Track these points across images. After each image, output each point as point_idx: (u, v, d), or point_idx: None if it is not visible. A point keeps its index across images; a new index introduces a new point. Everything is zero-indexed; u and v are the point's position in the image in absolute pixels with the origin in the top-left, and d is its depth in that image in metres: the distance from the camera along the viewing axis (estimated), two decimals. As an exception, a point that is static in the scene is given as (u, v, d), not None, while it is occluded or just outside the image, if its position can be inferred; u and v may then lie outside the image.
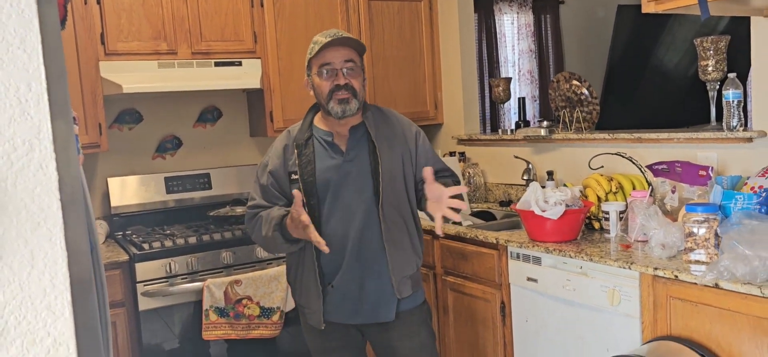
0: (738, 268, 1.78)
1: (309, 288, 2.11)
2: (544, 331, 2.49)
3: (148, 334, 2.78)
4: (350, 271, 2.09)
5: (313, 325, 2.15)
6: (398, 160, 2.12)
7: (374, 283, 2.09)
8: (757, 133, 2.32)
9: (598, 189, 2.64)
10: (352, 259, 2.08)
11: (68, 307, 0.83)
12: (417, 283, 2.18)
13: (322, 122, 2.15)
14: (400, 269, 2.10)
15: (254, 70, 3.26)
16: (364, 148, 2.10)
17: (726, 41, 2.44)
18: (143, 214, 3.29)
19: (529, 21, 4.75)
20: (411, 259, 2.14)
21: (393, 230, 2.09)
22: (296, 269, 2.17)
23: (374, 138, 2.09)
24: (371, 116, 2.14)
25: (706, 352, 1.89)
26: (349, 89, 2.04)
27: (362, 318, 2.13)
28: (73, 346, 0.83)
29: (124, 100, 3.31)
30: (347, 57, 2.06)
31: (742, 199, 2.03)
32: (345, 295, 2.10)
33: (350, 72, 2.06)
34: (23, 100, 0.78)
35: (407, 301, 2.15)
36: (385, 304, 2.11)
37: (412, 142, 2.16)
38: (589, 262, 2.27)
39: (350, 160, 2.09)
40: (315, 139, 2.13)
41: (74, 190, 0.91)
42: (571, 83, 3.17)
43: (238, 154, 3.63)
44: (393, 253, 2.08)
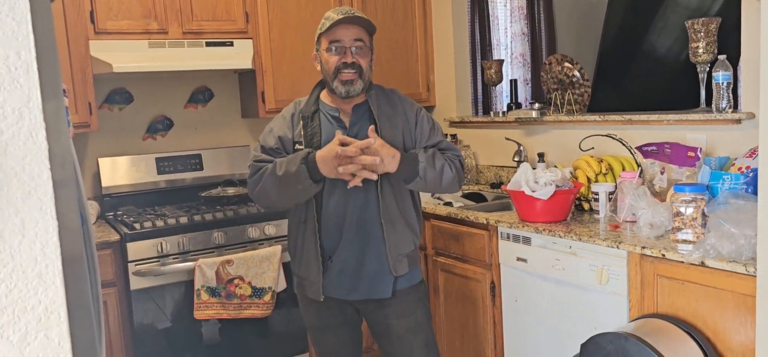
0: (724, 246, 1.80)
1: (309, 260, 2.13)
2: (534, 310, 2.52)
3: (139, 313, 2.78)
4: (349, 246, 2.10)
5: (312, 297, 2.17)
6: (399, 137, 2.12)
7: (372, 260, 2.11)
8: (746, 114, 2.34)
9: (588, 170, 2.66)
10: (351, 235, 2.10)
11: (59, 275, 0.83)
12: (414, 261, 2.20)
13: (328, 98, 2.17)
14: (397, 247, 2.11)
15: (246, 50, 3.25)
16: (365, 124, 2.10)
17: (717, 23, 2.45)
18: (134, 194, 3.29)
19: (522, 4, 4.74)
20: (408, 238, 2.15)
21: (391, 208, 2.10)
22: (296, 240, 2.18)
23: (376, 116, 2.10)
24: (374, 95, 2.15)
25: (692, 329, 1.92)
26: (355, 68, 2.05)
27: (359, 294, 2.14)
28: (64, 315, 0.84)
29: (115, 80, 3.29)
30: (357, 35, 2.07)
31: (730, 180, 2.05)
32: (343, 271, 2.12)
33: (359, 51, 2.07)
34: (12, 68, 0.78)
35: (403, 280, 2.16)
36: (381, 282, 2.13)
37: (412, 119, 2.17)
38: (578, 242, 2.29)
39: (353, 136, 2.08)
40: (321, 113, 2.15)
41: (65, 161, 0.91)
42: (563, 65, 3.18)
43: (229, 135, 3.62)
44: (390, 231, 2.10)
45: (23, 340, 0.82)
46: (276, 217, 3.05)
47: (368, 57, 2.11)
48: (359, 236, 2.11)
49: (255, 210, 3.06)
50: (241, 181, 3.47)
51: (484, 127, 3.61)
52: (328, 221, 2.11)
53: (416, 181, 2.06)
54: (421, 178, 2.05)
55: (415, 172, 2.04)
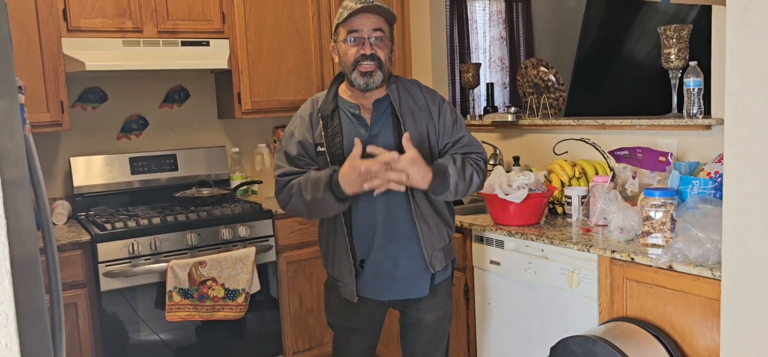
0: (691, 250, 1.82)
1: (342, 263, 2.08)
2: (507, 313, 2.53)
3: (109, 315, 2.75)
4: (383, 248, 2.05)
5: (347, 297, 2.12)
6: (423, 132, 2.05)
7: (407, 260, 2.06)
8: (716, 120, 2.37)
9: (561, 174, 2.68)
10: (383, 236, 2.04)
11: (7, 276, 0.82)
12: (449, 253, 2.15)
13: (347, 93, 2.09)
14: (432, 243, 2.06)
15: (222, 50, 3.22)
16: (388, 121, 2.04)
17: (688, 30, 2.49)
18: (107, 194, 3.24)
19: (501, 8, 4.77)
20: (442, 232, 2.10)
21: (423, 206, 2.04)
22: (328, 243, 2.13)
23: (399, 112, 2.03)
24: (396, 89, 2.07)
25: (660, 332, 1.94)
26: (374, 59, 1.97)
27: (397, 294, 2.10)
28: (12, 316, 0.82)
29: (88, 79, 3.25)
30: (376, 25, 1.98)
31: (698, 185, 2.07)
32: (378, 273, 2.07)
33: (378, 41, 1.98)
34: (-41, 63, 0.77)
35: (439, 274, 2.13)
36: (419, 280, 2.09)
37: (436, 113, 2.08)
38: (550, 246, 2.30)
39: (375, 134, 2.03)
40: (341, 110, 2.07)
41: (19, 160, 0.89)
42: (539, 70, 3.20)
43: (205, 136, 3.59)
44: (424, 229, 2.04)
45: (-30, 342, 0.80)
46: (250, 219, 3.03)
47: (388, 48, 2.02)
48: (391, 237, 2.05)
49: (229, 211, 3.04)
50: (216, 182, 3.44)
51: (461, 130, 3.61)
52: (358, 223, 2.05)
53: (446, 194, 1.99)
54: (452, 191, 1.98)
55: (446, 186, 1.96)
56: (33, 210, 0.93)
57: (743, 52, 1.51)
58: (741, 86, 1.53)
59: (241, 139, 3.67)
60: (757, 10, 1.48)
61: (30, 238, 0.90)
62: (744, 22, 1.50)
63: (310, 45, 3.46)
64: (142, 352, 2.84)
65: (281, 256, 3.15)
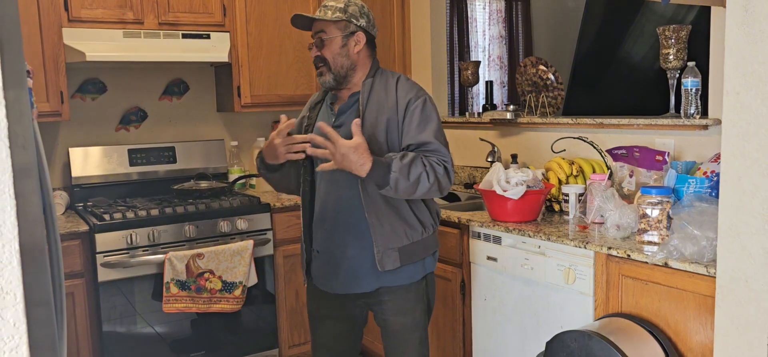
0: (687, 247, 1.84)
1: (303, 248, 2.22)
2: (502, 308, 2.55)
3: (107, 305, 2.75)
4: (332, 238, 2.08)
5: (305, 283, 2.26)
6: (382, 127, 2.01)
7: (356, 253, 2.05)
8: (713, 120, 2.39)
9: (559, 172, 2.70)
10: (334, 226, 2.07)
11: (16, 256, 0.83)
12: (409, 256, 2.06)
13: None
14: (385, 241, 2.02)
15: (223, 43, 3.23)
16: (353, 113, 2.06)
17: (687, 31, 2.50)
18: (105, 185, 3.25)
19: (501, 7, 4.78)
20: (398, 231, 2.03)
21: (377, 201, 2.01)
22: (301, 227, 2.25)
23: (362, 105, 2.04)
24: (371, 82, 2.07)
25: (654, 328, 1.95)
26: (321, 61, 2.06)
27: (341, 287, 2.10)
28: (20, 295, 0.83)
29: (88, 69, 3.25)
30: (316, 29, 2.08)
31: (695, 183, 2.09)
32: (328, 261, 2.11)
33: (321, 44, 2.06)
34: (-28, 45, 0.78)
35: (399, 275, 2.07)
36: (364, 275, 2.06)
37: (402, 110, 2.02)
38: (547, 242, 2.32)
39: (338, 125, 2.06)
40: (326, 100, 2.19)
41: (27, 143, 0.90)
42: (538, 68, 3.21)
43: (204, 129, 3.60)
44: (375, 224, 2.01)
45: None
46: (248, 212, 3.04)
47: (336, 43, 2.03)
48: (341, 228, 2.05)
49: (227, 204, 3.05)
50: (214, 175, 3.45)
51: (460, 127, 3.63)
52: (317, 210, 2.13)
53: (386, 189, 1.92)
54: (392, 187, 1.91)
55: (386, 181, 1.90)
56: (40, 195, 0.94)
57: (742, 51, 1.53)
58: (740, 85, 1.54)
59: (240, 132, 3.68)
60: (756, 10, 1.50)
61: (37, 224, 0.91)
62: (743, 21, 1.52)
63: (309, 40, 3.46)
64: (138, 342, 2.85)
65: (278, 250, 3.16)
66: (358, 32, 2.07)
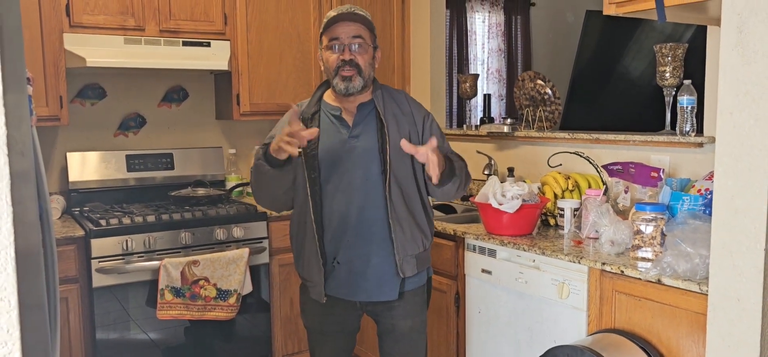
0: (680, 264, 1.85)
1: (311, 262, 2.10)
2: (496, 321, 2.55)
3: (101, 311, 2.75)
4: (354, 247, 2.07)
5: (315, 298, 2.13)
6: (405, 137, 2.05)
7: (379, 261, 2.07)
8: (708, 138, 2.41)
9: (555, 186, 2.71)
10: (355, 236, 2.06)
11: (11, 263, 0.83)
12: (423, 262, 2.15)
13: (332, 98, 2.14)
14: (404, 248, 2.07)
15: (223, 51, 3.25)
16: (371, 125, 2.08)
17: (683, 49, 2.52)
18: (102, 191, 3.26)
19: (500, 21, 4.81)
20: (416, 238, 2.10)
21: (399, 209, 2.06)
22: (297, 242, 2.15)
23: (383, 115, 2.06)
24: (381, 94, 2.11)
25: (647, 345, 1.96)
26: (353, 65, 2.03)
27: (366, 295, 2.10)
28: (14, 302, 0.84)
29: (88, 75, 3.27)
30: (355, 32, 2.04)
31: (689, 200, 2.11)
32: (351, 271, 2.08)
33: (358, 48, 2.04)
34: (-27, 53, 0.79)
35: (411, 281, 2.13)
36: (388, 283, 2.09)
37: (420, 123, 2.13)
38: (542, 256, 2.33)
39: (356, 136, 2.06)
40: (322, 114, 2.12)
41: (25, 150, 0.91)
42: (536, 83, 3.23)
43: (202, 136, 3.61)
44: (398, 232, 2.05)
45: (-28, 326, 0.82)
46: (244, 220, 3.05)
47: (369, 54, 2.06)
48: (364, 236, 2.06)
49: (224, 212, 3.05)
50: (211, 182, 3.46)
51: (457, 139, 3.65)
52: (330, 221, 2.07)
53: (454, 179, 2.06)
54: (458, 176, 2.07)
55: (452, 170, 2.04)
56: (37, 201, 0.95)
57: (737, 71, 1.55)
58: (733, 105, 1.56)
59: (238, 140, 3.69)
60: (750, 31, 1.52)
61: (33, 229, 0.91)
62: (738, 43, 1.54)
63: (310, 49, 3.49)
64: (132, 349, 2.85)
65: (274, 259, 3.16)
66: (378, 48, 2.14)
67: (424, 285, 2.21)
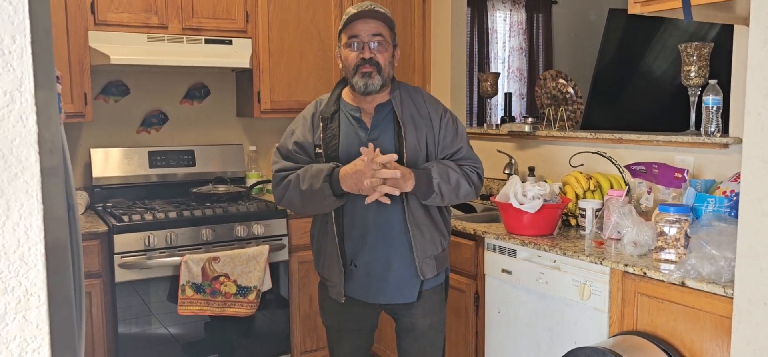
0: (704, 267, 1.82)
1: (331, 263, 2.10)
2: (516, 322, 2.54)
3: (123, 306, 2.79)
4: (374, 250, 2.07)
5: (334, 297, 2.14)
6: (422, 140, 2.07)
7: (399, 265, 2.08)
8: (734, 139, 2.37)
9: (576, 186, 2.69)
10: (375, 239, 2.06)
11: (41, 259, 0.85)
12: (442, 263, 2.16)
13: (350, 96, 2.12)
14: (423, 250, 2.07)
15: (244, 49, 3.27)
16: (389, 126, 2.07)
17: (709, 48, 2.49)
18: (125, 187, 3.29)
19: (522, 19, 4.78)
20: (435, 240, 2.11)
21: (417, 211, 2.06)
22: (318, 242, 2.16)
23: (400, 118, 2.05)
24: (399, 95, 2.10)
25: (670, 347, 1.94)
26: (373, 64, 2.01)
27: (386, 298, 2.11)
28: (44, 298, 0.85)
29: (112, 72, 3.31)
30: (375, 30, 2.02)
31: (714, 202, 2.08)
32: (370, 274, 2.09)
33: (377, 46, 2.03)
34: (6, 51, 0.80)
35: (430, 281, 2.14)
36: (408, 285, 2.10)
37: (437, 123, 2.11)
38: (563, 257, 2.31)
39: (374, 138, 2.06)
40: (342, 113, 2.11)
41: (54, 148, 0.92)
42: (557, 82, 3.21)
43: (223, 134, 3.64)
44: (417, 235, 2.05)
45: (1, 321, 0.83)
46: (264, 217, 3.07)
47: (388, 52, 2.05)
48: (384, 240, 2.07)
49: (244, 209, 3.07)
50: (232, 179, 3.48)
51: (478, 138, 3.63)
52: (351, 225, 2.07)
53: (433, 197, 2.02)
54: (437, 193, 2.01)
55: (431, 189, 2.00)
56: (65, 197, 0.96)
57: (765, 71, 1.52)
58: (761, 105, 1.53)
59: (259, 137, 3.71)
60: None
61: (62, 225, 0.93)
62: (767, 41, 1.51)
63: (331, 47, 3.49)
64: (152, 344, 2.88)
65: (294, 256, 3.18)
66: (398, 47, 2.13)
67: (443, 283, 2.22)
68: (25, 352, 0.84)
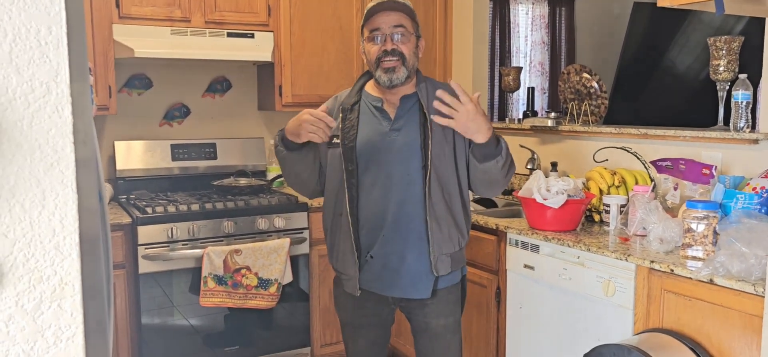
0: (734, 264, 1.79)
1: (346, 255, 2.07)
2: (538, 318, 2.52)
3: (146, 296, 2.81)
4: (390, 243, 2.03)
5: (349, 291, 2.11)
6: (449, 134, 2.01)
7: (414, 259, 2.04)
8: (764, 135, 2.33)
9: (600, 182, 2.66)
10: (391, 231, 2.02)
11: (76, 248, 0.85)
12: (458, 262, 2.11)
13: (374, 88, 2.09)
14: (440, 246, 2.03)
15: (266, 43, 3.27)
16: (414, 118, 2.03)
17: (739, 42, 2.44)
18: (148, 179, 3.32)
19: (544, 13, 4.74)
20: (453, 237, 2.06)
21: (437, 206, 2.01)
22: (331, 234, 2.13)
23: (426, 109, 2.00)
24: (425, 87, 2.05)
25: (696, 346, 1.91)
26: (396, 54, 1.98)
27: (400, 291, 2.08)
28: (78, 287, 0.86)
29: (135, 65, 3.33)
30: (397, 22, 1.99)
31: (743, 199, 2.04)
32: (385, 266, 2.05)
33: (400, 38, 1.99)
34: (43, 42, 0.80)
35: (445, 280, 2.09)
36: (421, 281, 2.06)
37: None
38: (587, 253, 2.29)
39: (398, 129, 2.02)
40: (363, 104, 2.08)
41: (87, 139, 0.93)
42: (582, 76, 3.17)
43: (244, 127, 3.65)
44: (434, 230, 2.01)
45: (37, 309, 0.84)
46: (286, 210, 3.08)
47: (412, 43, 2.02)
48: (400, 233, 2.02)
49: (266, 202, 3.08)
50: (253, 172, 3.50)
51: (500, 132, 3.60)
52: (366, 215, 2.03)
53: (496, 160, 1.95)
54: (502, 157, 1.95)
55: (499, 150, 1.95)
56: (97, 188, 0.97)
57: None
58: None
59: (280, 131, 3.72)
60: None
61: (94, 216, 0.93)
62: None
63: (352, 41, 3.49)
64: (174, 335, 2.91)
65: (314, 249, 3.18)
66: (421, 38, 2.10)
67: (458, 283, 2.16)
68: (59, 340, 0.84)
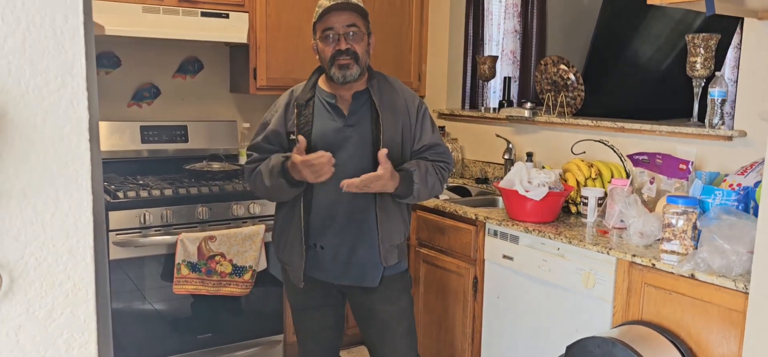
0: (715, 260, 1.84)
1: (293, 246, 2.14)
2: (515, 308, 2.55)
3: (117, 284, 2.73)
4: (341, 234, 2.11)
5: (294, 281, 2.19)
6: (398, 129, 2.13)
7: (364, 249, 2.13)
8: (738, 132, 2.39)
9: (578, 174, 2.69)
10: (343, 223, 2.11)
11: (90, 252, 0.81)
12: (403, 252, 2.23)
13: (326, 84, 2.16)
14: (389, 238, 2.14)
15: (241, 24, 3.19)
16: (366, 115, 2.11)
17: (716, 40, 2.49)
18: (116, 162, 3.21)
19: (517, 1, 4.74)
20: (399, 229, 2.18)
21: (387, 200, 2.12)
22: (281, 224, 2.19)
23: (378, 106, 2.09)
24: (376, 84, 2.14)
25: (676, 338, 1.96)
26: (350, 54, 2.04)
27: (349, 280, 2.16)
28: (92, 292, 0.81)
29: (103, 43, 3.20)
30: (349, 21, 2.05)
31: (721, 195, 2.09)
32: (335, 257, 2.13)
33: (353, 37, 2.06)
34: (59, 32, 0.75)
35: (391, 269, 2.18)
36: (371, 270, 2.14)
37: (413, 114, 2.17)
38: (568, 245, 2.32)
39: (351, 124, 2.10)
40: (317, 100, 2.13)
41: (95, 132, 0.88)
42: (559, 68, 3.20)
43: (216, 109, 3.56)
44: (384, 222, 2.11)
45: (49, 316, 0.79)
46: (263, 196, 3.02)
47: (363, 42, 2.09)
48: (351, 224, 2.11)
49: (241, 188, 3.02)
50: (226, 157, 3.42)
51: (474, 121, 3.62)
52: (319, 207, 2.11)
53: (408, 199, 2.11)
54: (415, 196, 2.10)
55: (409, 192, 2.08)
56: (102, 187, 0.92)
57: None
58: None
59: (253, 114, 3.64)
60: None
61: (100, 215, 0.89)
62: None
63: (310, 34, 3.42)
64: (146, 322, 2.84)
65: (289, 236, 3.14)
66: (372, 35, 2.16)
67: (403, 273, 2.25)
68: (72, 348, 0.80)
